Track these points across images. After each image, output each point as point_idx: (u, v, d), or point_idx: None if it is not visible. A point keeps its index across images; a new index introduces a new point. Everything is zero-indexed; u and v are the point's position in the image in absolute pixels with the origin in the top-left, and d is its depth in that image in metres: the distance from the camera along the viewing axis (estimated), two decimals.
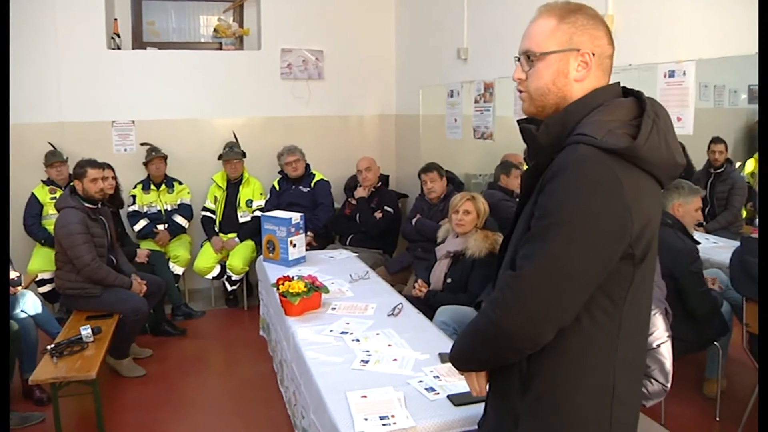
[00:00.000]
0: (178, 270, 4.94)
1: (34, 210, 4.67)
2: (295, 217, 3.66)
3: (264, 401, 3.45)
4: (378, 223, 4.75)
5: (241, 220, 5.13)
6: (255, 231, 4.70)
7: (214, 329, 4.78)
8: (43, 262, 4.47)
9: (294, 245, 3.68)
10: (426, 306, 3.27)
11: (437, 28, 5.00)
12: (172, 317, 4.77)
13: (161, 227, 4.98)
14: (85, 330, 3.23)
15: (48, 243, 4.48)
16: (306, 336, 2.61)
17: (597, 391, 1.23)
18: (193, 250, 5.17)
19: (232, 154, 5.11)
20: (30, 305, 3.58)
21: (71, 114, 5.10)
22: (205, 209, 5.20)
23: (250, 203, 5.15)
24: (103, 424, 3.07)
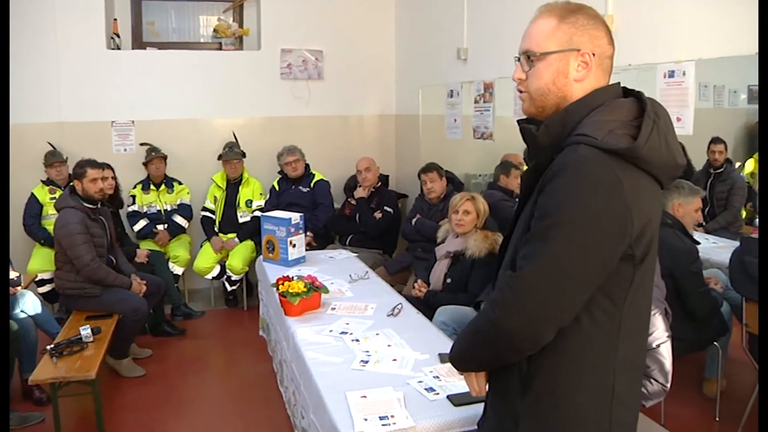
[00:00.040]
0: (177, 270, 4.94)
1: (33, 210, 4.67)
2: (295, 217, 3.66)
3: (264, 401, 3.45)
4: (378, 224, 4.75)
5: (241, 220, 5.13)
6: (255, 231, 4.70)
7: (213, 329, 4.78)
8: (43, 262, 4.47)
9: (294, 245, 3.68)
10: (426, 306, 3.27)
11: (437, 28, 5.00)
12: (171, 317, 4.77)
13: (161, 227, 4.98)
14: (85, 330, 3.23)
15: (48, 243, 4.47)
16: (306, 336, 2.61)
17: (597, 391, 1.23)
18: (193, 250, 5.16)
19: (231, 154, 5.11)
20: (29, 305, 3.58)
21: (71, 114, 5.10)
22: (205, 209, 5.20)
23: (249, 203, 5.15)
24: (103, 424, 3.07)
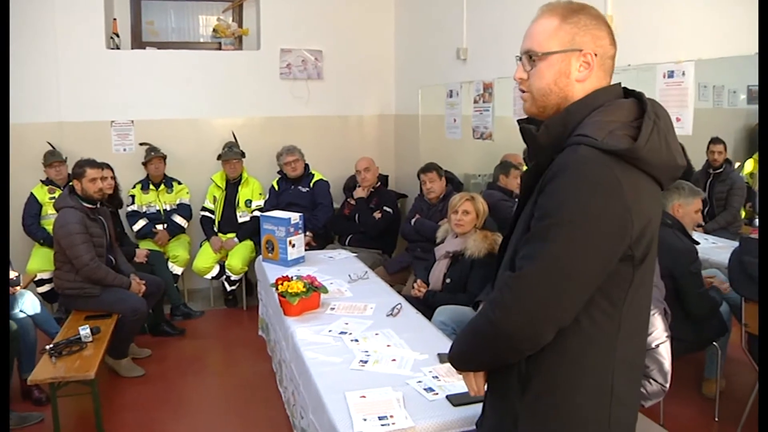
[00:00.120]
0: (177, 270, 4.94)
1: (33, 210, 4.67)
2: (294, 217, 3.66)
3: (263, 401, 3.45)
4: (377, 223, 4.75)
5: (240, 220, 5.13)
6: (254, 231, 4.70)
7: (213, 329, 4.78)
8: (42, 261, 4.47)
9: (293, 245, 3.68)
10: (425, 306, 3.26)
11: (437, 28, 5.00)
12: (171, 317, 4.77)
13: (160, 227, 4.98)
14: (84, 330, 3.23)
15: (47, 243, 4.47)
16: (305, 336, 2.61)
17: (596, 392, 1.23)
18: (192, 250, 5.16)
19: (231, 154, 5.11)
20: (29, 305, 3.58)
21: (70, 114, 5.10)
22: (204, 209, 5.20)
23: (249, 203, 5.15)
24: (102, 424, 3.07)
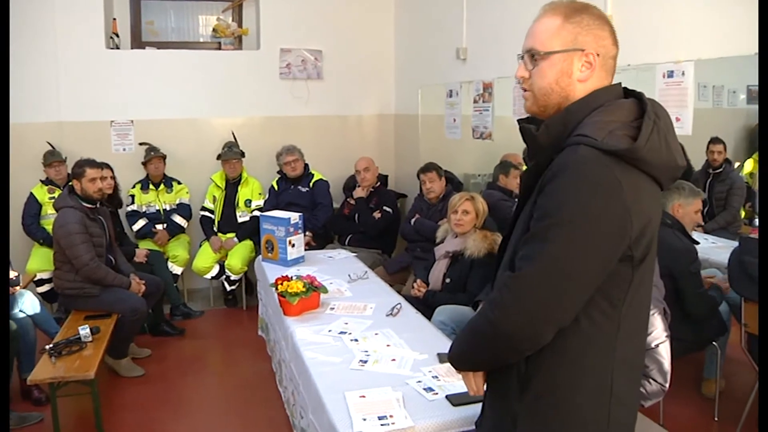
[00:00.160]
0: (176, 270, 4.94)
1: (32, 210, 4.67)
2: (294, 217, 3.66)
3: (263, 401, 3.45)
4: (377, 223, 4.75)
5: (240, 219, 5.13)
6: (254, 231, 4.70)
7: (212, 329, 4.77)
8: (42, 261, 4.47)
9: (293, 245, 3.68)
10: (425, 306, 3.26)
11: (436, 28, 5.00)
12: (170, 317, 4.77)
13: (160, 227, 4.98)
14: (84, 330, 3.23)
15: (46, 243, 4.47)
16: (304, 336, 2.61)
17: (595, 392, 1.23)
18: (192, 249, 5.16)
19: (230, 153, 5.11)
20: (28, 305, 3.58)
21: (70, 114, 5.10)
22: (204, 209, 5.20)
23: (248, 203, 5.15)
24: (102, 424, 3.07)
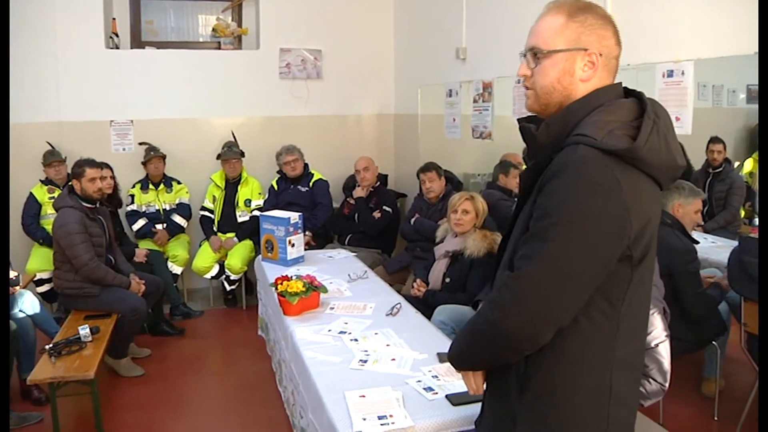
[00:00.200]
0: (176, 269, 4.93)
1: (32, 210, 4.67)
2: (294, 217, 3.66)
3: (262, 401, 3.45)
4: (377, 223, 4.75)
5: (240, 219, 5.12)
6: (253, 230, 4.69)
7: (212, 329, 4.77)
8: (42, 261, 4.47)
9: (292, 245, 3.68)
10: (424, 305, 3.26)
11: (436, 27, 4.99)
12: (170, 317, 4.77)
13: (160, 227, 4.98)
14: (84, 330, 3.22)
15: (46, 243, 4.47)
16: (304, 335, 2.61)
17: (595, 392, 1.23)
18: (192, 249, 5.16)
19: (230, 153, 5.11)
20: (28, 305, 3.58)
21: (70, 113, 5.10)
22: (204, 209, 5.20)
23: (248, 203, 5.15)
24: (102, 423, 3.07)
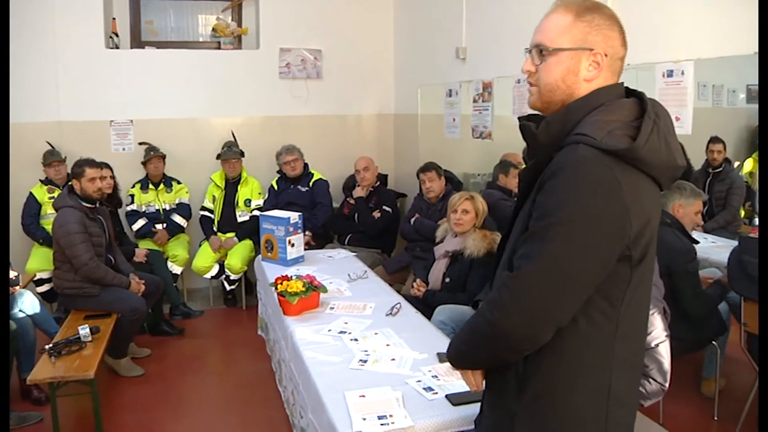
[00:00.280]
0: (176, 269, 4.93)
1: (32, 209, 4.66)
2: (294, 217, 3.66)
3: (262, 401, 3.45)
4: (376, 223, 4.75)
5: (240, 219, 5.12)
6: (253, 230, 4.69)
7: (212, 329, 4.77)
8: (41, 261, 4.47)
9: (292, 245, 3.68)
10: (424, 305, 3.26)
11: (436, 27, 4.99)
12: (170, 317, 4.77)
13: (160, 227, 4.98)
14: (83, 329, 3.22)
15: (46, 242, 4.47)
16: (304, 335, 2.61)
17: (594, 392, 1.23)
18: (192, 249, 5.16)
19: (230, 153, 5.11)
20: (28, 305, 3.58)
21: (70, 113, 5.10)
22: (204, 209, 5.19)
23: (248, 203, 5.15)
24: (102, 423, 3.07)
